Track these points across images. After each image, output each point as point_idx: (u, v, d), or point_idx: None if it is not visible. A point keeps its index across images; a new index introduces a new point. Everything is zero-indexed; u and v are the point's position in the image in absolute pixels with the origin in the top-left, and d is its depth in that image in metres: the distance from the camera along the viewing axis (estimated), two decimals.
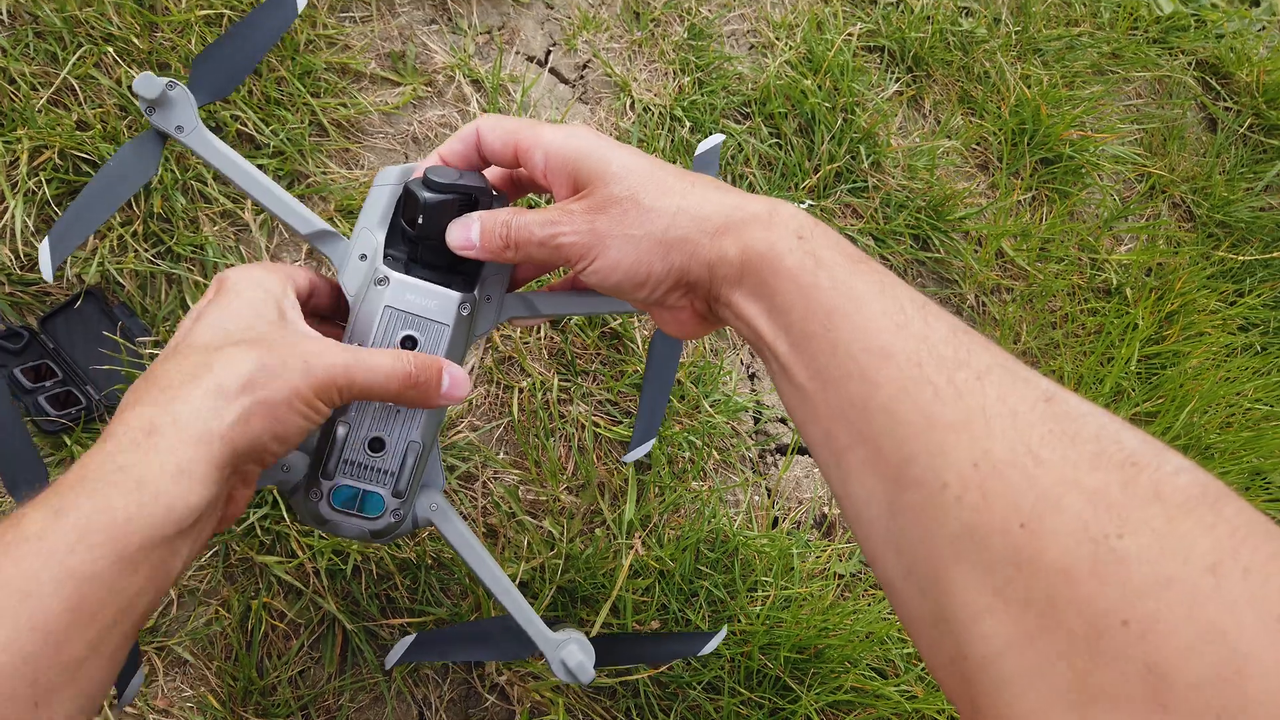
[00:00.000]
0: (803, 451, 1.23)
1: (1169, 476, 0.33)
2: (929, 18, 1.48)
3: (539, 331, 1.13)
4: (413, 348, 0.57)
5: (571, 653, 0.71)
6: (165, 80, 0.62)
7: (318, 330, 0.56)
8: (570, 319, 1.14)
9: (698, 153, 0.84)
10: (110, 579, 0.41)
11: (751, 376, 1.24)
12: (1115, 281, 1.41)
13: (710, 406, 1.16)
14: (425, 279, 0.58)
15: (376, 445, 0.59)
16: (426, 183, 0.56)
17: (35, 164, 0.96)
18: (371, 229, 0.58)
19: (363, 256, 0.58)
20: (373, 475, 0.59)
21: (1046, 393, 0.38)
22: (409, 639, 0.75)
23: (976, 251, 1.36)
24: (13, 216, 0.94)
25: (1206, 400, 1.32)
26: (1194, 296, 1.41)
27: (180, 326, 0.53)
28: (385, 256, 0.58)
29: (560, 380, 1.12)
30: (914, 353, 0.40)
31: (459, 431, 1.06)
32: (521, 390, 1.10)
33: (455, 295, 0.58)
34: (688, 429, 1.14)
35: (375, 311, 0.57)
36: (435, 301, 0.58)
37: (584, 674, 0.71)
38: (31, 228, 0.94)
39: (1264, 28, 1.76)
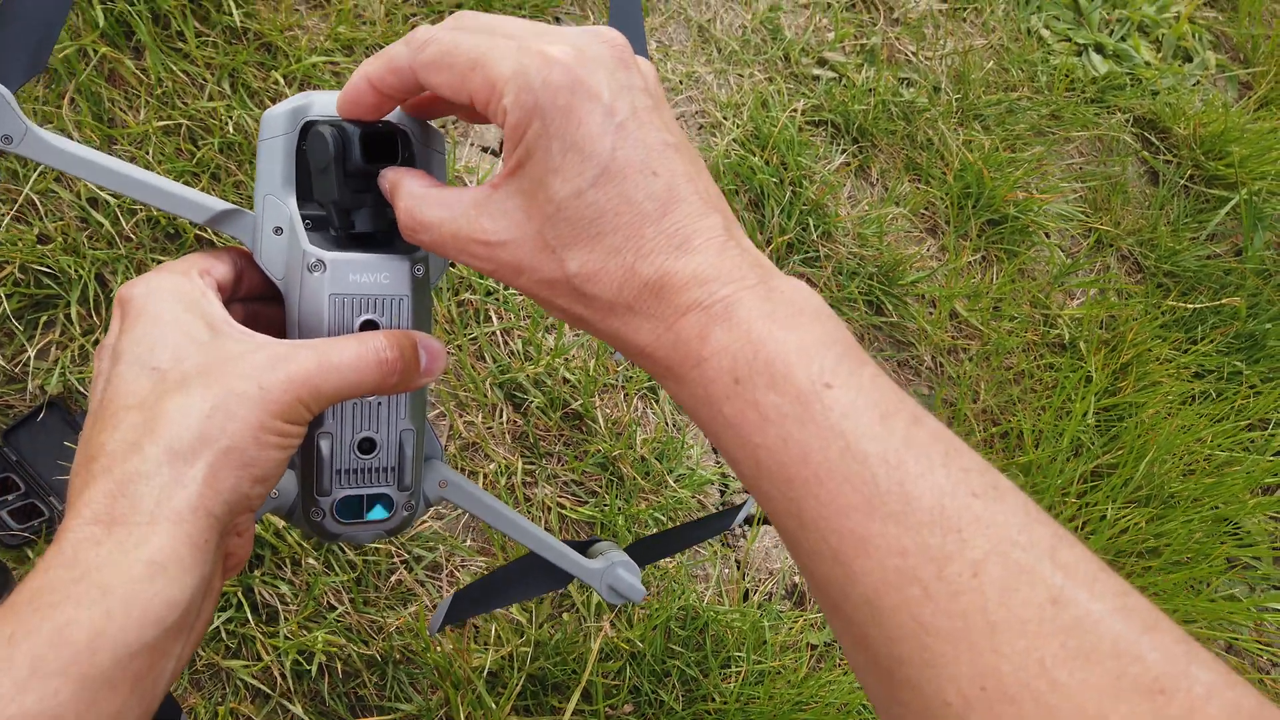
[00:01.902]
0: (769, 521, 1.24)
1: (1200, 705, 0.30)
2: (871, 90, 1.53)
3: (501, 415, 1.15)
4: (373, 330, 0.49)
5: (619, 577, 0.68)
6: None
7: (260, 322, 0.49)
8: (533, 402, 1.15)
9: None
10: (78, 709, 0.35)
11: (715, 449, 1.25)
12: (1069, 336, 1.44)
13: (675, 482, 1.18)
14: (364, 249, 0.49)
15: (367, 446, 0.52)
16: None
17: None
18: (277, 194, 0.48)
19: (278, 230, 0.48)
20: (373, 476, 0.53)
21: (1053, 591, 0.32)
22: (448, 600, 0.72)
23: (930, 314, 1.39)
24: None
25: (1165, 449, 1.34)
26: (1147, 346, 1.44)
27: (97, 370, 0.44)
28: (305, 227, 0.49)
29: (524, 463, 1.13)
30: (894, 540, 0.34)
31: (424, 521, 1.07)
32: (486, 475, 1.11)
33: (405, 259, 0.48)
34: (653, 506, 1.15)
35: (320, 304, 0.47)
36: (385, 274, 0.48)
37: (635, 594, 0.68)
38: None
39: (1197, 82, 1.82)
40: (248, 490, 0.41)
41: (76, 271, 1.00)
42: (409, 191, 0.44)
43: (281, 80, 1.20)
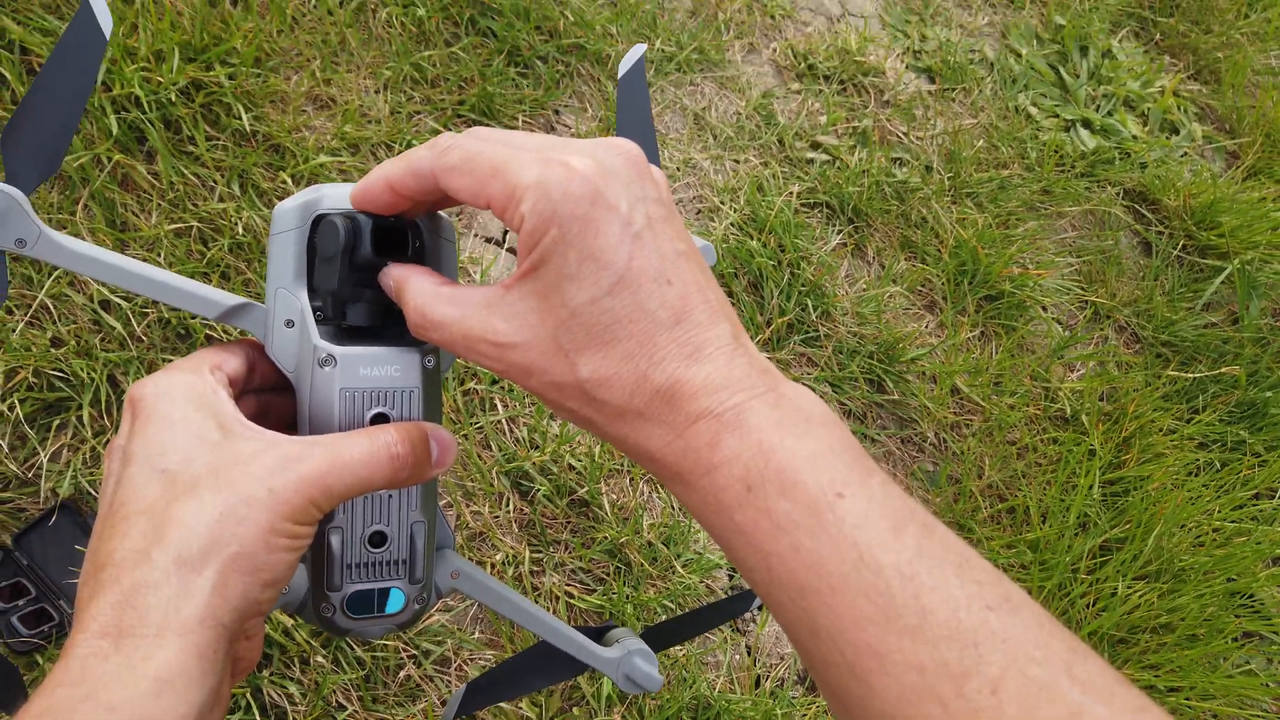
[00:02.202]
0: None
1: None
2: (864, 171, 1.56)
3: (508, 504, 1.15)
4: (385, 423, 0.48)
5: (636, 667, 0.67)
6: None
7: (272, 414, 0.50)
8: (539, 490, 1.16)
9: (622, 73, 0.64)
10: None
11: (726, 555, 1.25)
12: (1070, 409, 1.45)
13: (682, 567, 1.18)
14: (373, 342, 0.49)
15: (378, 540, 0.52)
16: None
17: (9, 385, 0.99)
18: (289, 287, 0.49)
19: (289, 323, 0.49)
20: (383, 570, 0.52)
21: (1072, 708, 0.33)
22: (459, 692, 0.71)
23: (931, 390, 1.40)
24: None
25: (1173, 522, 1.34)
26: (1149, 418, 1.45)
27: (107, 471, 0.44)
28: (317, 320, 0.49)
29: (531, 552, 1.13)
30: (911, 655, 0.34)
31: (431, 616, 1.07)
32: (493, 565, 1.11)
33: (415, 351, 0.49)
34: (661, 592, 1.15)
35: (330, 398, 0.48)
36: (396, 366, 0.49)
37: (653, 683, 0.67)
38: (5, 449, 0.97)
39: (1185, 154, 1.86)
40: (258, 595, 0.41)
41: (89, 374, 1.02)
42: (419, 289, 0.44)
43: (289, 180, 1.23)
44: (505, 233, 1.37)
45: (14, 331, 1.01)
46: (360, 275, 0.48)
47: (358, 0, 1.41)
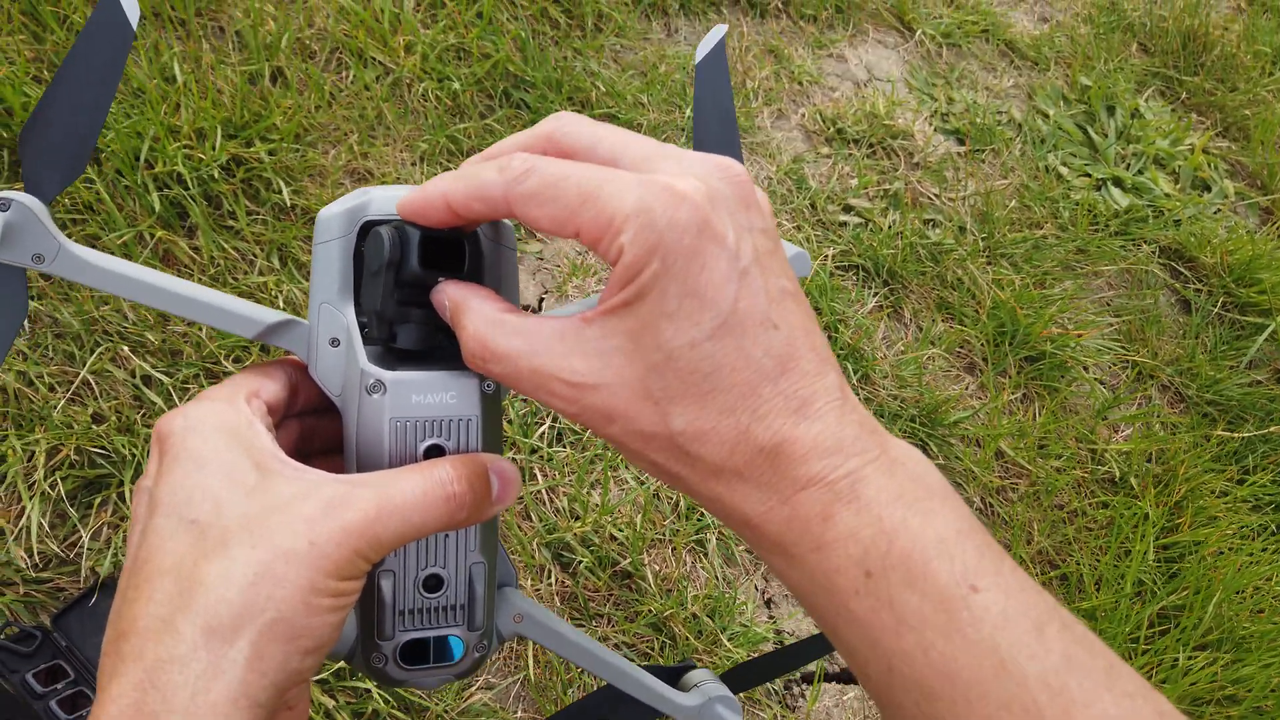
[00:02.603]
0: (830, 678, 1.19)
1: None
2: (898, 234, 1.56)
3: (550, 576, 1.13)
4: (440, 456, 0.43)
5: (718, 717, 0.61)
6: None
7: (318, 439, 0.46)
8: (581, 562, 1.14)
9: (699, 58, 0.57)
10: None
11: (768, 602, 1.22)
12: (1119, 472, 1.41)
13: (729, 640, 1.14)
14: (426, 365, 0.44)
15: (434, 583, 0.46)
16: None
17: (51, 463, 0.99)
18: (333, 302, 0.44)
19: (334, 341, 0.44)
20: (440, 616, 0.47)
21: None
22: None
23: (976, 454, 1.37)
24: (29, 517, 0.96)
25: (1232, 588, 1.29)
26: (1200, 480, 1.41)
27: (134, 515, 0.40)
28: (364, 339, 0.44)
29: (575, 626, 1.11)
30: None
31: (472, 693, 1.04)
32: (536, 642, 1.09)
33: (473, 375, 0.44)
34: (708, 667, 1.11)
35: (379, 429, 0.43)
36: (451, 393, 0.43)
37: None
38: (46, 527, 0.96)
39: (1218, 210, 1.85)
40: (298, 664, 0.36)
41: (130, 451, 1.01)
42: (481, 315, 0.39)
43: None
44: (539, 299, 1.37)
45: (55, 409, 1.01)
46: (409, 293, 0.43)
47: (394, 76, 1.43)
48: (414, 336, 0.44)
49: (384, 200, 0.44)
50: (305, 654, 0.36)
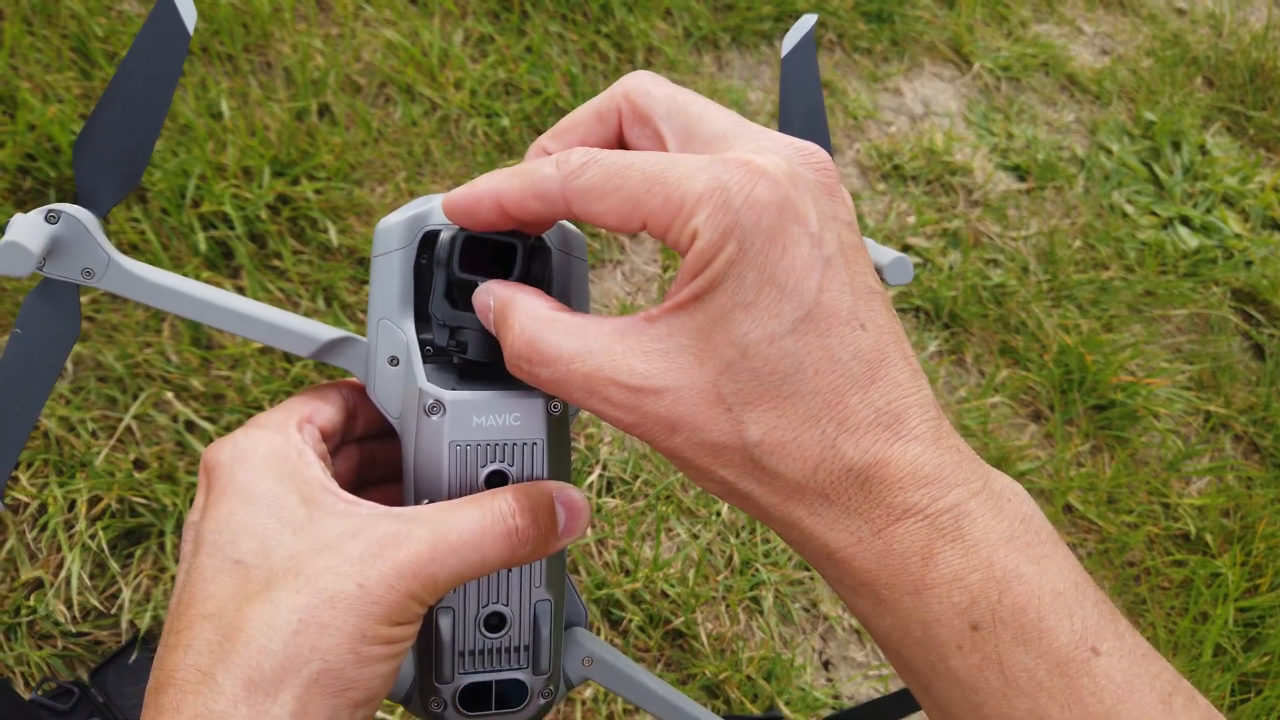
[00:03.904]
0: None
1: None
2: (959, 275, 1.51)
3: (599, 635, 1.08)
4: (502, 483, 0.40)
5: None
6: (42, 212, 0.42)
7: (378, 465, 0.43)
8: (631, 620, 1.09)
9: (786, 50, 0.52)
10: None
11: (826, 664, 1.17)
12: (1193, 529, 1.34)
13: (785, 705, 1.09)
14: (490, 386, 0.41)
15: (496, 622, 0.43)
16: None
17: (92, 512, 0.96)
18: (393, 318, 0.41)
19: (393, 360, 0.42)
20: (503, 658, 0.44)
21: None
22: None
23: (1044, 508, 1.31)
24: (69, 569, 0.93)
25: None
26: None
27: (181, 553, 0.37)
28: (424, 357, 0.42)
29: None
30: None
31: None
32: (584, 702, 1.04)
33: (539, 395, 0.40)
34: None
35: (439, 453, 0.40)
36: (516, 414, 0.40)
37: None
38: (86, 580, 0.93)
39: None
40: (348, 717, 0.33)
41: (172, 501, 0.98)
42: (529, 312, 0.35)
43: None
44: None
45: (98, 456, 0.99)
46: (467, 298, 0.40)
47: (441, 111, 1.41)
48: (478, 346, 0.41)
49: None
50: (355, 706, 0.33)
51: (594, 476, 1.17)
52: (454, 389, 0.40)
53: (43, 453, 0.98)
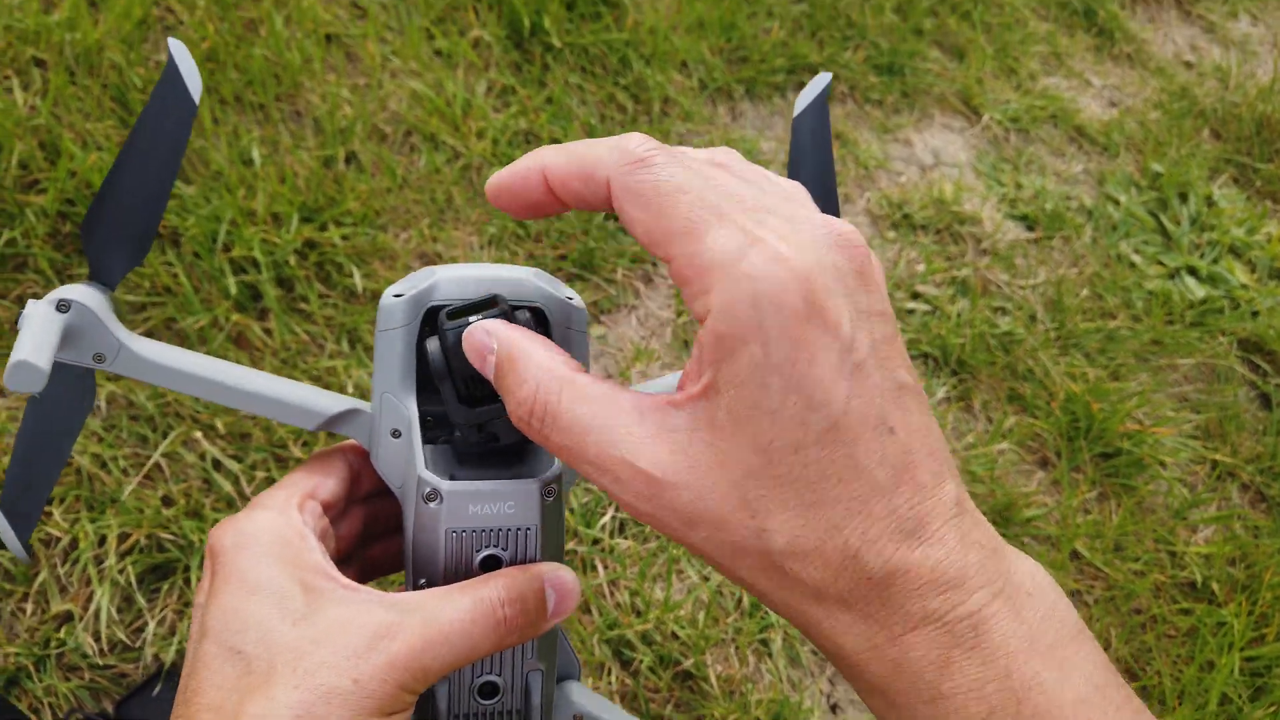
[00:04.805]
0: None
1: None
2: (967, 322, 1.53)
3: (610, 674, 1.10)
4: (496, 566, 0.42)
5: None
6: (53, 301, 0.42)
7: (380, 523, 0.45)
8: (642, 661, 1.11)
9: (800, 107, 0.50)
10: None
11: (834, 708, 1.18)
12: (1200, 577, 1.36)
13: None
14: (485, 474, 0.42)
15: (489, 690, 0.44)
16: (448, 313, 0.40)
17: (122, 548, 0.99)
18: (395, 392, 0.42)
19: (395, 433, 0.43)
20: None
21: None
22: None
23: (1051, 555, 1.33)
24: (98, 603, 0.96)
25: None
26: None
27: (189, 637, 0.39)
28: (424, 429, 0.43)
29: None
30: None
31: None
32: None
33: (533, 483, 0.41)
34: None
35: (436, 538, 0.41)
36: (510, 503, 0.41)
37: None
38: (114, 615, 0.96)
39: None
40: None
41: (198, 537, 1.01)
42: (543, 366, 0.34)
43: None
44: None
45: (127, 492, 1.02)
46: (472, 395, 0.40)
47: (464, 160, 1.45)
48: (509, 431, 0.41)
49: (450, 283, 0.41)
50: None
51: (606, 519, 1.20)
52: (453, 476, 0.41)
53: (75, 489, 1.02)
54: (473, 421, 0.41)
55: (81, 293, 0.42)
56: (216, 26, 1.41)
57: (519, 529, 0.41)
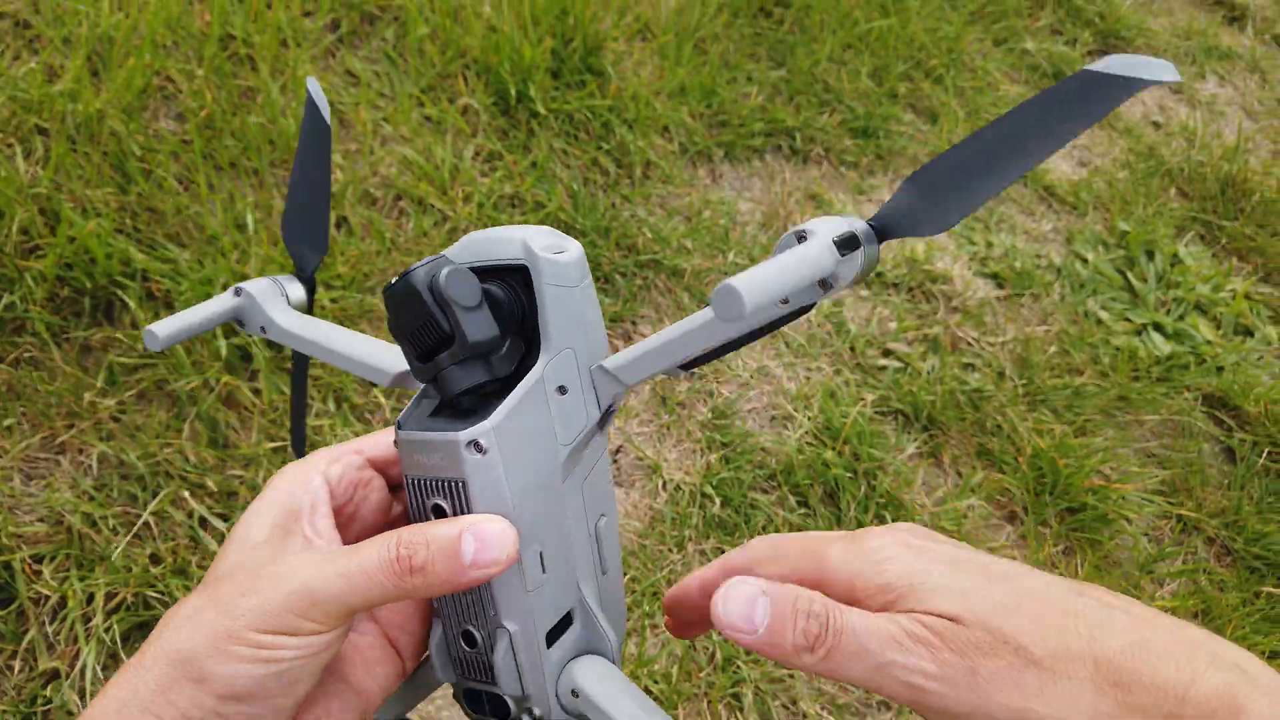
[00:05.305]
0: None
1: None
2: (938, 379, 1.58)
3: None
4: (440, 516, 0.43)
5: None
6: (233, 289, 0.56)
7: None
8: None
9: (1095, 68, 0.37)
10: None
11: None
12: None
13: None
14: (435, 427, 0.43)
15: (468, 640, 0.46)
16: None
17: (109, 606, 1.02)
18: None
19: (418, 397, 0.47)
20: (479, 672, 0.47)
21: None
22: None
23: None
24: (84, 661, 0.99)
25: None
26: (1251, 642, 1.38)
27: None
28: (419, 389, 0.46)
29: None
30: None
31: None
32: None
33: (456, 435, 0.41)
34: None
35: (407, 485, 0.44)
36: (439, 455, 0.42)
37: None
38: (99, 673, 0.99)
39: (1261, 357, 1.85)
40: (214, 706, 0.38)
41: (183, 594, 1.04)
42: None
43: (381, 396, 1.29)
44: None
45: (116, 550, 1.05)
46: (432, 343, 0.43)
47: (451, 223, 1.51)
48: (438, 396, 0.44)
49: (455, 247, 0.45)
50: (221, 699, 0.38)
51: None
52: (419, 427, 0.43)
53: (65, 547, 1.05)
54: (424, 376, 0.43)
55: (254, 284, 0.56)
56: (214, 95, 1.47)
57: (452, 480, 0.42)
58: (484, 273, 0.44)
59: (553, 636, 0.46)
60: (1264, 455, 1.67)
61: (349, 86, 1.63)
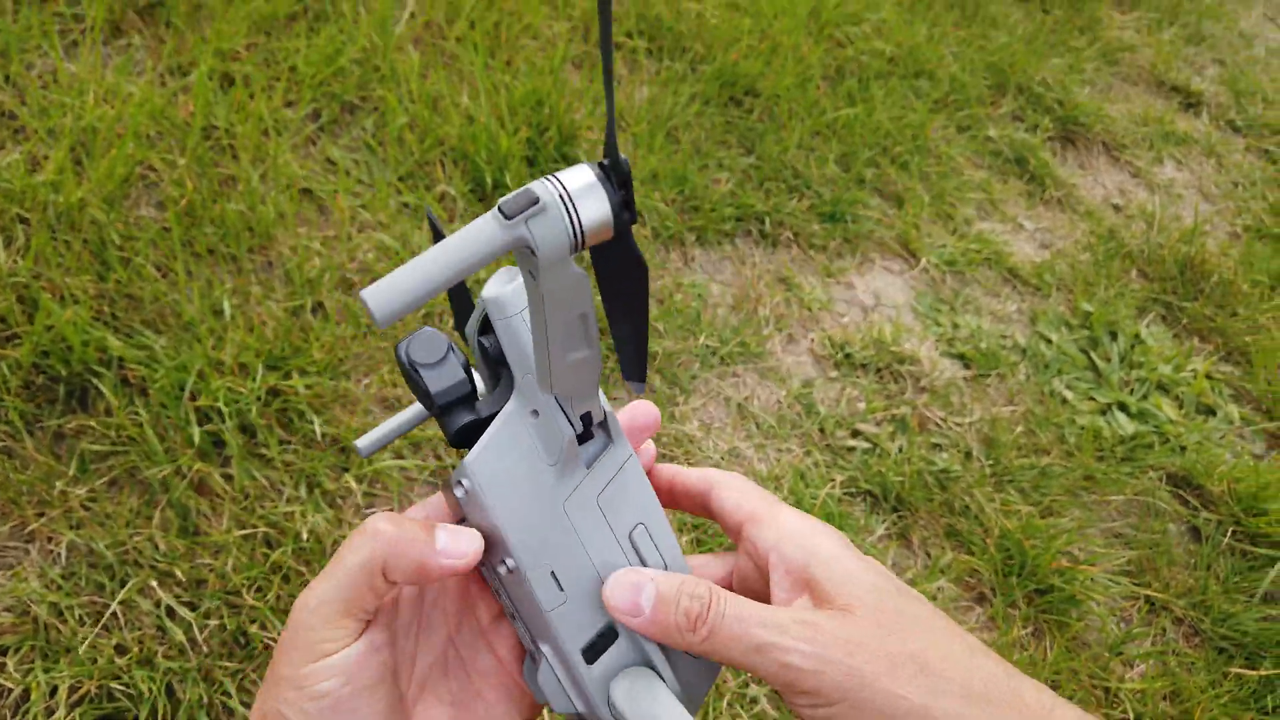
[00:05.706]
0: None
1: None
2: (906, 460, 1.60)
3: None
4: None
5: None
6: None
7: None
8: None
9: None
10: None
11: None
12: (1134, 713, 1.40)
13: None
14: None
15: (534, 662, 0.50)
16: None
17: (72, 699, 1.02)
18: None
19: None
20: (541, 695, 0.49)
21: None
22: None
23: None
24: None
25: None
26: None
27: None
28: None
29: None
30: None
31: None
32: None
33: (449, 478, 0.48)
34: None
35: None
36: (449, 493, 0.49)
37: None
38: None
39: (1224, 436, 1.88)
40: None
41: (149, 686, 1.04)
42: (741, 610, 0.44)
43: (354, 481, 1.30)
44: None
45: (83, 642, 1.05)
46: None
47: (425, 308, 1.53)
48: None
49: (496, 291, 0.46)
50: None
51: None
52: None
53: (30, 638, 1.05)
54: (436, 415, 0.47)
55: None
56: (195, 183, 1.51)
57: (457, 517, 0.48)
58: (486, 326, 0.47)
59: (593, 653, 0.47)
60: (1229, 534, 1.70)
61: (328, 174, 1.67)
